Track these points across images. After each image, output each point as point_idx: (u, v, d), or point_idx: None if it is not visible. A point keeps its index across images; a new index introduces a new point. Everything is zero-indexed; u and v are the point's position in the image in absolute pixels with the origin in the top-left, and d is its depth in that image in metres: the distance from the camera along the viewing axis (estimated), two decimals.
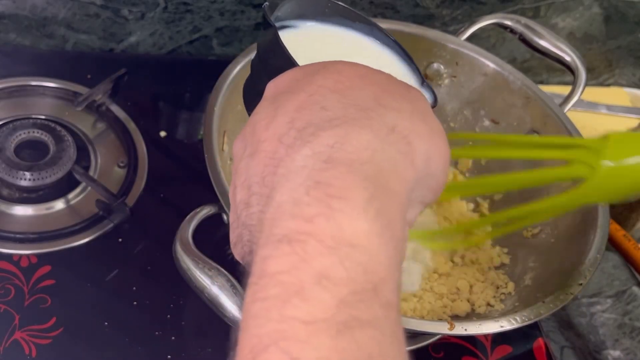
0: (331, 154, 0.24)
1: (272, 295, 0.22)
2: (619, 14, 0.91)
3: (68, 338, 0.54)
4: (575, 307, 0.70)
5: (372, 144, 0.25)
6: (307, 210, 0.23)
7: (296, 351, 0.21)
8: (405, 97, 0.28)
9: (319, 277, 0.22)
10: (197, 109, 0.77)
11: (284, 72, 0.30)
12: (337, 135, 0.25)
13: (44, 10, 0.76)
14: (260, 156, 0.27)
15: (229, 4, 0.79)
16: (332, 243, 0.22)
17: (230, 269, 0.46)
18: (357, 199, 0.23)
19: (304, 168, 0.25)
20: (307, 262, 0.22)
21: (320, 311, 0.21)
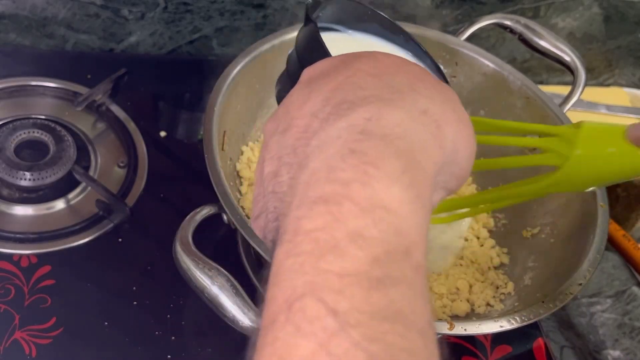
0: (366, 127, 0.25)
1: (306, 251, 0.22)
2: (618, 14, 0.91)
3: (68, 338, 0.54)
4: (575, 307, 0.70)
5: (405, 123, 0.26)
6: (342, 175, 0.24)
7: (331, 300, 0.21)
8: (436, 88, 0.29)
9: (354, 235, 0.22)
10: (197, 109, 0.77)
11: (320, 61, 0.31)
12: (372, 110, 0.26)
13: (44, 10, 0.76)
14: (292, 131, 0.28)
15: (229, 4, 0.80)
16: (366, 205, 0.23)
17: (231, 269, 0.46)
18: (392, 169, 0.24)
19: (338, 138, 0.25)
20: (342, 221, 0.23)
21: (354, 266, 0.22)
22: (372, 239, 0.22)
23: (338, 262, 0.22)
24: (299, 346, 0.20)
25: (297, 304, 0.21)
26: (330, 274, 0.22)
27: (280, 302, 0.22)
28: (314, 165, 0.25)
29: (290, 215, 0.24)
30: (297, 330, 0.21)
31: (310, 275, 0.22)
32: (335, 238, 0.22)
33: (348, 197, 0.23)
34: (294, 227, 0.24)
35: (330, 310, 0.21)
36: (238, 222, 0.48)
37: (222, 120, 0.57)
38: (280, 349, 0.21)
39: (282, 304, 0.22)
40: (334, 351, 0.20)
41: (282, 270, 0.23)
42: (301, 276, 0.22)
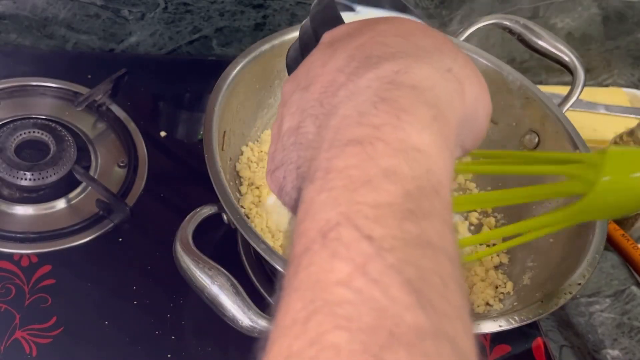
0: (395, 78, 0.26)
1: (340, 185, 0.23)
2: (617, 15, 0.91)
3: (68, 337, 0.54)
4: (574, 307, 0.70)
5: (432, 77, 0.27)
6: (374, 120, 0.25)
7: (366, 228, 0.22)
8: (458, 51, 0.30)
9: (387, 172, 0.23)
10: (197, 109, 0.77)
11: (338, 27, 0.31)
12: (401, 64, 0.27)
13: (44, 11, 0.76)
14: (316, 86, 0.28)
15: (229, 5, 0.80)
16: (399, 146, 0.24)
17: (230, 269, 0.46)
18: (422, 116, 0.25)
19: (368, 88, 0.26)
20: (375, 160, 0.23)
21: (388, 199, 0.22)
22: (404, 175, 0.23)
23: (372, 195, 0.22)
24: (335, 269, 0.21)
25: (332, 233, 0.22)
26: (365, 205, 0.22)
27: (314, 233, 0.22)
28: (344, 112, 0.26)
29: (320, 158, 0.25)
30: (333, 255, 0.21)
31: (344, 207, 0.22)
32: (369, 174, 0.23)
33: (380, 139, 0.24)
34: (325, 166, 0.24)
35: (365, 236, 0.21)
36: (238, 222, 0.48)
37: (222, 121, 0.57)
38: (315, 273, 0.21)
39: (315, 235, 0.22)
40: (370, 272, 0.20)
41: (314, 205, 0.23)
42: (335, 208, 0.22)
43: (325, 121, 0.27)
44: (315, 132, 0.27)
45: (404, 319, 0.20)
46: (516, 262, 0.62)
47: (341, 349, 0.19)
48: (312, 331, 0.20)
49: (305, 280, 0.21)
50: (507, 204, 0.53)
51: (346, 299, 0.20)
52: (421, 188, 0.23)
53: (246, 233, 0.48)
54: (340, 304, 0.20)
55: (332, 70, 0.28)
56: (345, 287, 0.20)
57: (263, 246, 0.47)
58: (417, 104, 0.25)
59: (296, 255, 0.22)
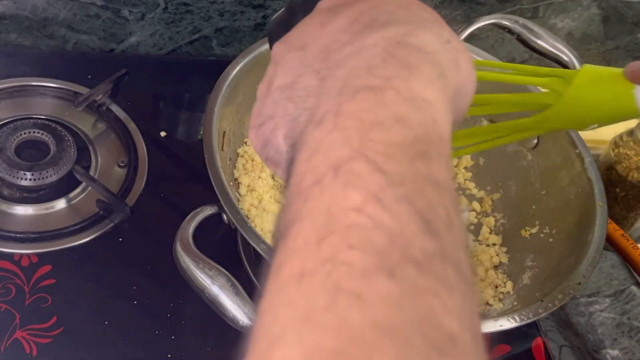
0: (403, 39, 0.27)
1: (352, 126, 0.24)
2: (617, 15, 0.91)
3: (68, 337, 0.55)
4: (573, 307, 0.70)
5: (435, 44, 0.28)
6: (384, 72, 0.25)
7: (379, 162, 0.22)
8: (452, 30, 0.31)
9: (397, 117, 0.24)
10: (197, 109, 0.78)
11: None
12: (406, 28, 0.28)
13: (44, 11, 0.76)
14: (315, 46, 0.29)
15: (229, 5, 0.80)
16: (408, 96, 0.25)
17: (230, 269, 0.46)
18: (429, 73, 0.26)
19: (376, 46, 0.27)
20: (386, 105, 0.24)
21: (399, 140, 0.23)
22: (413, 121, 0.24)
23: (384, 135, 0.23)
24: (349, 197, 0.21)
25: (346, 166, 0.22)
26: (377, 143, 0.23)
27: (324, 168, 0.23)
28: (353, 64, 0.26)
29: (328, 103, 0.25)
30: (346, 184, 0.22)
31: (356, 144, 0.23)
32: (380, 117, 0.24)
33: (391, 87, 0.25)
34: (334, 110, 0.25)
35: (378, 169, 0.22)
36: (238, 222, 0.49)
37: (221, 121, 0.57)
38: (328, 201, 0.22)
39: (326, 169, 0.23)
40: (383, 201, 0.21)
41: (323, 144, 0.24)
42: (347, 145, 0.23)
43: (330, 73, 0.27)
44: (317, 85, 0.28)
45: (414, 243, 0.21)
46: (516, 262, 0.62)
47: (355, 265, 0.20)
48: (325, 251, 0.20)
49: (317, 208, 0.22)
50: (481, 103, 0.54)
51: (359, 223, 0.21)
52: (428, 135, 0.24)
53: (246, 233, 0.48)
54: (354, 228, 0.21)
55: (334, 31, 0.29)
56: (359, 213, 0.21)
57: (263, 246, 0.47)
58: (424, 62, 0.26)
59: (304, 188, 0.23)
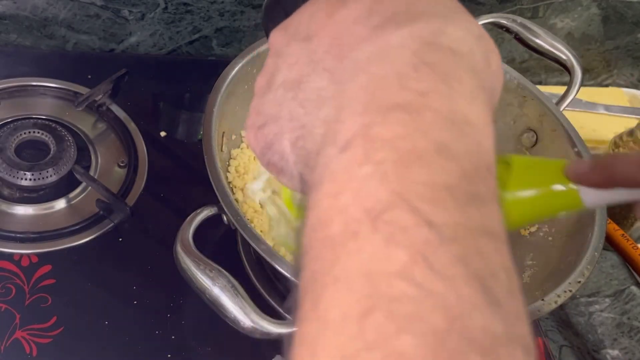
0: (433, 39, 0.23)
1: (387, 159, 0.20)
2: (617, 15, 0.91)
3: (68, 337, 0.55)
4: (573, 307, 0.70)
5: (468, 42, 0.24)
6: (417, 85, 0.21)
7: (426, 211, 0.19)
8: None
9: (440, 147, 0.20)
10: (197, 109, 0.78)
11: None
12: (436, 24, 0.23)
13: (44, 11, 0.76)
14: (323, 38, 0.25)
15: (229, 5, 0.80)
16: (450, 117, 0.21)
17: (230, 270, 0.46)
18: (468, 84, 0.22)
19: (402, 47, 0.22)
20: (425, 131, 0.20)
21: (445, 179, 0.19)
22: (458, 152, 0.20)
23: (426, 173, 0.19)
24: (392, 258, 0.18)
25: (386, 215, 0.19)
26: (420, 185, 0.19)
27: (359, 213, 0.19)
28: (378, 71, 0.22)
29: (351, 121, 0.21)
30: (388, 240, 0.18)
31: (396, 185, 0.19)
32: (419, 148, 0.20)
33: (428, 107, 0.21)
34: (362, 133, 0.21)
35: (427, 221, 0.18)
36: (238, 223, 0.49)
37: (221, 121, 0.57)
38: (367, 261, 0.18)
39: (361, 215, 0.19)
40: (433, 263, 0.18)
41: (353, 179, 0.20)
42: (385, 186, 0.19)
43: (348, 77, 0.23)
44: (332, 90, 0.24)
45: (474, 320, 0.17)
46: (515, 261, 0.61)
47: (408, 357, 0.16)
48: (370, 332, 0.17)
49: (354, 269, 0.18)
50: None
51: (407, 294, 0.17)
52: (477, 169, 0.20)
53: (246, 234, 0.48)
54: (401, 300, 0.17)
55: (346, 22, 0.24)
56: (405, 279, 0.17)
57: (263, 247, 0.47)
58: (462, 71, 0.22)
59: (335, 237, 0.19)
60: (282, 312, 0.58)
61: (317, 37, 0.25)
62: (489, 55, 0.25)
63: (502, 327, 0.18)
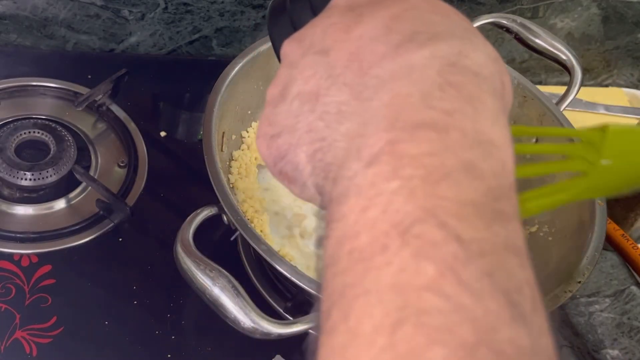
0: (457, 61, 0.23)
1: (415, 175, 0.20)
2: (617, 15, 0.91)
3: (68, 337, 0.55)
4: (573, 307, 0.70)
5: (488, 66, 0.24)
6: (442, 104, 0.22)
7: (454, 227, 0.19)
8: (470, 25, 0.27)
9: (467, 166, 0.20)
10: (197, 109, 0.78)
11: None
12: (457, 46, 0.23)
13: (44, 11, 0.76)
14: (341, 52, 0.25)
15: (229, 5, 0.80)
16: (475, 137, 0.21)
17: (230, 270, 0.46)
18: (492, 106, 0.23)
19: (425, 67, 0.23)
20: (452, 150, 0.21)
21: (472, 196, 0.20)
22: (483, 171, 0.21)
23: (454, 190, 0.20)
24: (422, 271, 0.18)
25: (415, 229, 0.19)
26: (448, 201, 0.20)
27: (387, 227, 0.19)
28: (402, 90, 0.22)
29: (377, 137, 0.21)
30: (417, 254, 0.19)
31: (424, 201, 0.20)
32: (447, 166, 0.20)
33: (454, 126, 0.21)
34: (389, 150, 0.21)
35: (454, 236, 0.19)
36: (238, 223, 0.49)
37: (221, 121, 0.57)
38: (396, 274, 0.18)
39: (389, 229, 0.19)
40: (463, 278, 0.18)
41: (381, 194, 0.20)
42: (413, 201, 0.20)
43: (371, 93, 0.23)
44: (354, 105, 0.24)
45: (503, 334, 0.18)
46: None
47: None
48: (402, 344, 0.17)
49: (384, 282, 0.19)
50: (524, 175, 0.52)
51: (437, 306, 0.18)
52: (502, 187, 0.21)
53: (246, 234, 0.48)
54: (431, 313, 0.18)
55: (364, 38, 0.24)
56: (435, 292, 0.18)
57: (264, 247, 0.47)
58: (485, 94, 0.23)
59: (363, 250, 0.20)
60: (282, 312, 0.58)
61: (334, 51, 0.25)
62: (503, 78, 0.25)
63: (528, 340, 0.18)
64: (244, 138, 0.65)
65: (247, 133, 0.65)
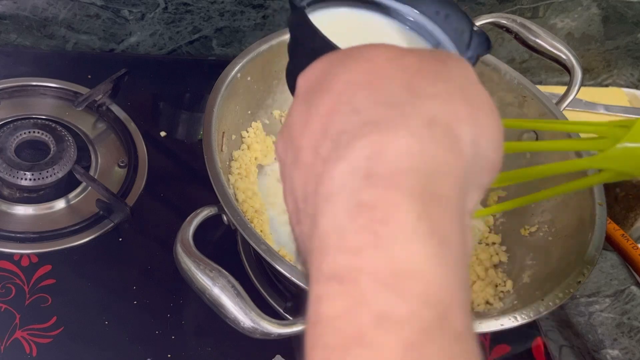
0: (369, 168, 0.22)
1: (331, 344, 0.20)
2: (617, 15, 0.91)
3: (68, 337, 0.55)
4: (573, 307, 0.70)
5: (411, 148, 0.23)
6: (353, 241, 0.21)
7: None
8: (440, 76, 0.25)
9: (379, 318, 0.20)
10: (197, 109, 0.78)
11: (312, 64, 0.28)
12: (373, 143, 0.23)
13: (44, 11, 0.76)
14: (301, 169, 0.25)
15: (229, 5, 0.80)
16: (386, 277, 0.21)
17: (230, 270, 0.46)
18: (405, 220, 0.21)
19: (343, 188, 0.22)
20: (363, 303, 0.20)
21: (385, 357, 0.20)
22: (399, 317, 0.20)
23: (366, 354, 0.20)
24: None
25: None
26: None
27: None
28: (324, 227, 0.23)
29: (311, 288, 0.22)
30: None
31: None
32: (360, 324, 0.20)
33: (364, 270, 0.21)
34: (314, 309, 0.22)
35: None
36: (238, 223, 0.49)
37: (220, 121, 0.57)
38: None
39: None
40: None
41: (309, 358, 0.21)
42: None
43: (312, 229, 0.23)
44: (308, 237, 0.24)
45: None
46: (515, 261, 0.62)
47: None
48: None
49: None
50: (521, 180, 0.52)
51: None
52: (424, 330, 0.20)
53: (246, 234, 0.48)
54: None
55: (310, 148, 0.25)
56: None
57: (264, 247, 0.47)
58: (398, 203, 0.22)
59: None
60: (282, 313, 0.58)
61: (297, 164, 0.26)
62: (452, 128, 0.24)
63: None
64: (244, 138, 0.65)
65: (247, 133, 0.65)
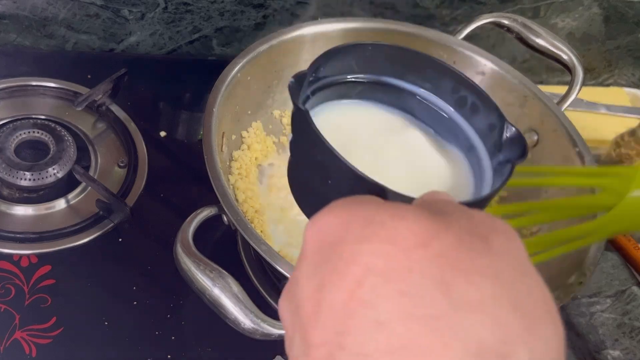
0: None
1: None
2: (618, 14, 0.91)
3: (68, 338, 0.54)
4: (574, 307, 0.70)
5: None
6: None
7: None
8: (482, 268, 0.21)
9: None
10: (197, 109, 0.77)
11: (325, 213, 0.24)
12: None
13: (44, 11, 0.76)
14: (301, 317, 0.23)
15: (229, 5, 0.80)
16: None
17: (230, 270, 0.46)
18: None
19: None
20: None
21: None
22: None
23: None
24: None
25: None
26: None
27: None
28: None
29: None
30: None
31: None
32: None
33: None
34: None
35: None
36: (238, 223, 0.48)
37: (220, 121, 0.57)
38: None
39: None
40: None
41: None
42: None
43: None
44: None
45: None
46: None
47: None
48: None
49: None
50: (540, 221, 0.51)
51: None
52: None
53: (246, 234, 0.48)
54: None
55: (322, 344, 0.22)
56: None
57: (264, 247, 0.47)
58: None
59: None
60: None
61: (299, 312, 0.23)
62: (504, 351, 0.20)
63: None
64: (244, 138, 0.65)
65: (247, 133, 0.65)
